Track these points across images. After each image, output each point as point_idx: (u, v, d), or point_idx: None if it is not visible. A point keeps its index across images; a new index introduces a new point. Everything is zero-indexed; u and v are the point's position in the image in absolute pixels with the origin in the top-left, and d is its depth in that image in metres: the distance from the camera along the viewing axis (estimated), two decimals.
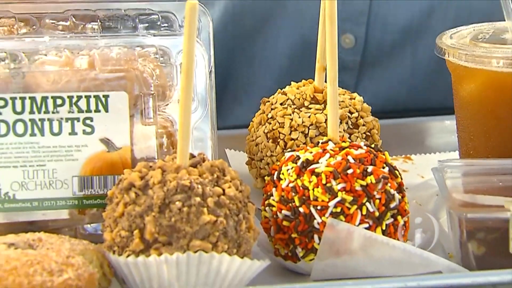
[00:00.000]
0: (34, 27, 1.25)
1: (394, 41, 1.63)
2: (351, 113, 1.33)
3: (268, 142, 1.32)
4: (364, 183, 1.14)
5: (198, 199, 1.08)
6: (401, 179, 1.18)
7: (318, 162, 1.16)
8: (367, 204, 1.14)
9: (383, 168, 1.17)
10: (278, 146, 1.31)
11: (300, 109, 1.32)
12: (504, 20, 1.32)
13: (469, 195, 1.18)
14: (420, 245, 1.18)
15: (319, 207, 1.14)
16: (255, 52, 1.65)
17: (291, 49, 1.64)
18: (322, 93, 1.33)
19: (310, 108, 1.32)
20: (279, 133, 1.32)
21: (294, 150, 1.20)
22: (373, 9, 1.61)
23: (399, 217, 1.16)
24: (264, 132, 1.33)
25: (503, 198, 1.15)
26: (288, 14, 1.62)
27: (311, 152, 1.17)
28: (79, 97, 1.19)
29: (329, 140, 1.20)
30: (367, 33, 1.62)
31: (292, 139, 1.31)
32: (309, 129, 1.31)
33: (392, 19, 1.61)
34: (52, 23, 1.26)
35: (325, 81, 1.27)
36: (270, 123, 1.33)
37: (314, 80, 1.34)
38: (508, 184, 1.19)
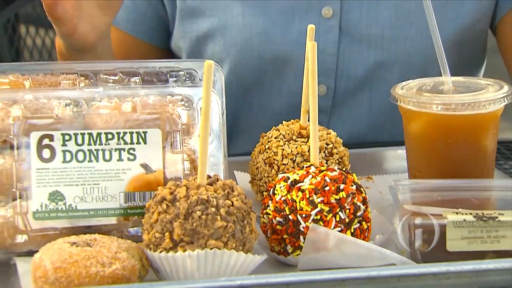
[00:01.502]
0: (91, 80, 1.25)
1: (355, 88, 1.63)
2: (327, 144, 1.32)
3: (265, 166, 1.32)
4: (337, 197, 1.14)
5: (213, 209, 1.07)
6: (365, 194, 1.17)
7: (303, 181, 1.15)
8: (340, 213, 1.13)
9: (352, 186, 1.16)
10: (273, 169, 1.31)
11: (290, 142, 1.32)
12: (441, 75, 1.31)
13: (416, 206, 1.17)
14: (379, 244, 1.17)
15: (304, 215, 1.13)
16: (253, 102, 1.66)
17: (281, 98, 1.64)
18: (306, 129, 1.32)
19: (297, 141, 1.32)
20: (274, 159, 1.31)
21: (285, 172, 1.19)
22: (339, 66, 1.61)
23: (363, 223, 1.15)
24: (262, 159, 1.32)
25: (441, 209, 1.14)
26: (279, 75, 1.62)
27: (298, 174, 1.17)
28: (125, 133, 1.18)
29: (311, 165, 1.19)
30: (335, 84, 1.62)
31: (283, 164, 1.30)
32: (296, 156, 1.30)
33: (353, 72, 1.62)
34: (105, 77, 1.26)
35: (308, 121, 1.27)
36: (267, 152, 1.32)
37: (300, 120, 1.34)
38: (445, 198, 1.18)
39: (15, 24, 2.52)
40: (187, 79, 1.27)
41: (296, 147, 1.30)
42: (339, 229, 1.13)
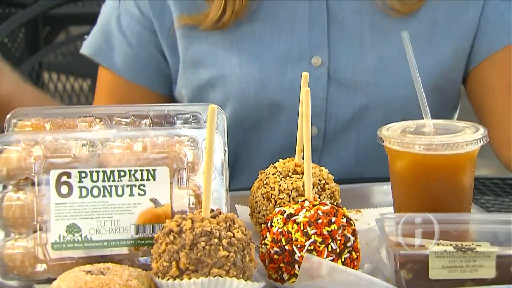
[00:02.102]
0: (106, 123, 1.24)
1: (343, 129, 1.63)
2: (320, 180, 1.31)
3: (264, 200, 1.30)
4: (329, 229, 1.12)
5: (216, 240, 1.06)
6: (354, 226, 1.16)
7: (298, 215, 1.14)
8: (332, 244, 1.12)
9: (342, 219, 1.14)
10: (270, 203, 1.29)
11: (286, 178, 1.30)
12: (422, 118, 1.30)
13: (401, 237, 1.15)
14: (367, 272, 1.15)
15: (298, 246, 1.12)
16: (252, 142, 1.65)
17: (276, 139, 1.64)
18: (300, 167, 1.31)
19: (292, 177, 1.30)
20: (271, 194, 1.30)
21: (281, 206, 1.18)
22: (328, 109, 1.61)
23: (353, 253, 1.13)
24: (261, 194, 1.31)
25: (424, 240, 1.13)
26: (275, 118, 1.62)
27: (293, 208, 1.15)
28: (136, 171, 1.17)
29: (306, 199, 1.17)
30: (325, 125, 1.62)
31: (280, 198, 1.29)
32: (291, 191, 1.29)
33: (341, 115, 1.61)
34: (118, 120, 1.24)
35: (302, 159, 1.26)
36: (265, 187, 1.31)
37: (295, 158, 1.32)
38: (427, 230, 1.17)
39: (39, 71, 2.53)
40: (193, 121, 1.26)
41: (292, 183, 1.29)
42: (331, 258, 1.12)
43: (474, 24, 1.61)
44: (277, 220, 1.15)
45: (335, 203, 1.18)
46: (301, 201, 1.17)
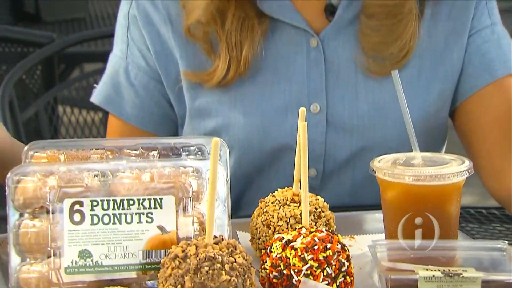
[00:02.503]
0: (116, 154, 1.24)
1: (340, 169, 1.62)
2: (316, 209, 1.30)
3: (263, 227, 1.30)
4: (325, 255, 1.12)
5: (219, 265, 1.06)
6: (348, 252, 1.15)
7: (295, 241, 1.13)
8: (327, 268, 1.11)
9: (337, 245, 1.14)
10: (270, 230, 1.29)
11: (284, 206, 1.30)
12: (412, 151, 1.30)
13: (392, 263, 1.15)
14: None
15: (296, 270, 1.11)
16: (254, 184, 1.64)
17: (278, 180, 1.63)
18: (298, 196, 1.31)
19: (290, 206, 1.30)
20: (271, 221, 1.29)
21: (280, 233, 1.18)
22: (326, 152, 1.60)
23: (347, 277, 1.13)
24: (261, 221, 1.31)
25: (413, 265, 1.13)
26: (276, 162, 1.61)
27: (291, 235, 1.15)
28: (144, 199, 1.17)
29: (303, 227, 1.17)
30: (324, 167, 1.61)
31: (279, 225, 1.28)
32: (289, 219, 1.28)
33: (338, 157, 1.61)
34: (128, 152, 1.25)
35: (300, 188, 1.26)
36: (265, 215, 1.31)
37: (292, 187, 1.32)
38: (417, 256, 1.17)
39: (54, 106, 2.53)
40: (197, 153, 1.26)
41: (290, 211, 1.29)
42: (327, 282, 1.11)
43: (458, 66, 1.62)
44: (276, 246, 1.15)
45: (330, 230, 1.17)
46: (298, 228, 1.17)
